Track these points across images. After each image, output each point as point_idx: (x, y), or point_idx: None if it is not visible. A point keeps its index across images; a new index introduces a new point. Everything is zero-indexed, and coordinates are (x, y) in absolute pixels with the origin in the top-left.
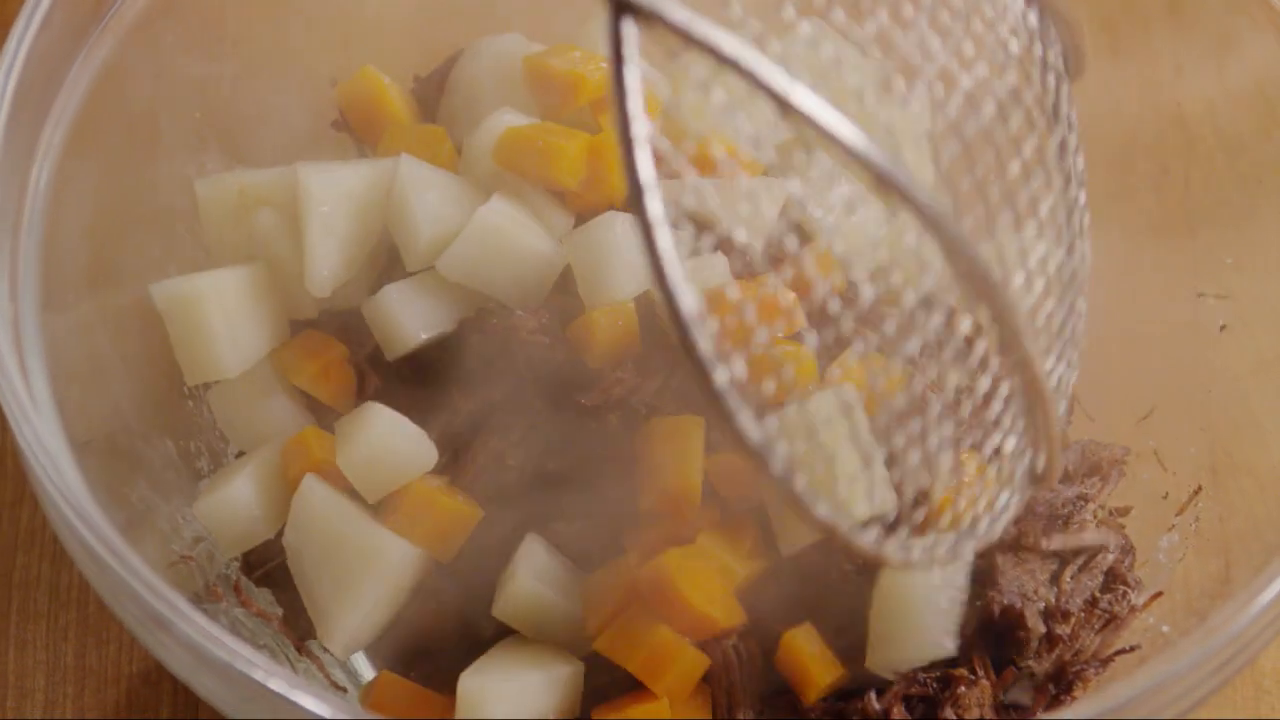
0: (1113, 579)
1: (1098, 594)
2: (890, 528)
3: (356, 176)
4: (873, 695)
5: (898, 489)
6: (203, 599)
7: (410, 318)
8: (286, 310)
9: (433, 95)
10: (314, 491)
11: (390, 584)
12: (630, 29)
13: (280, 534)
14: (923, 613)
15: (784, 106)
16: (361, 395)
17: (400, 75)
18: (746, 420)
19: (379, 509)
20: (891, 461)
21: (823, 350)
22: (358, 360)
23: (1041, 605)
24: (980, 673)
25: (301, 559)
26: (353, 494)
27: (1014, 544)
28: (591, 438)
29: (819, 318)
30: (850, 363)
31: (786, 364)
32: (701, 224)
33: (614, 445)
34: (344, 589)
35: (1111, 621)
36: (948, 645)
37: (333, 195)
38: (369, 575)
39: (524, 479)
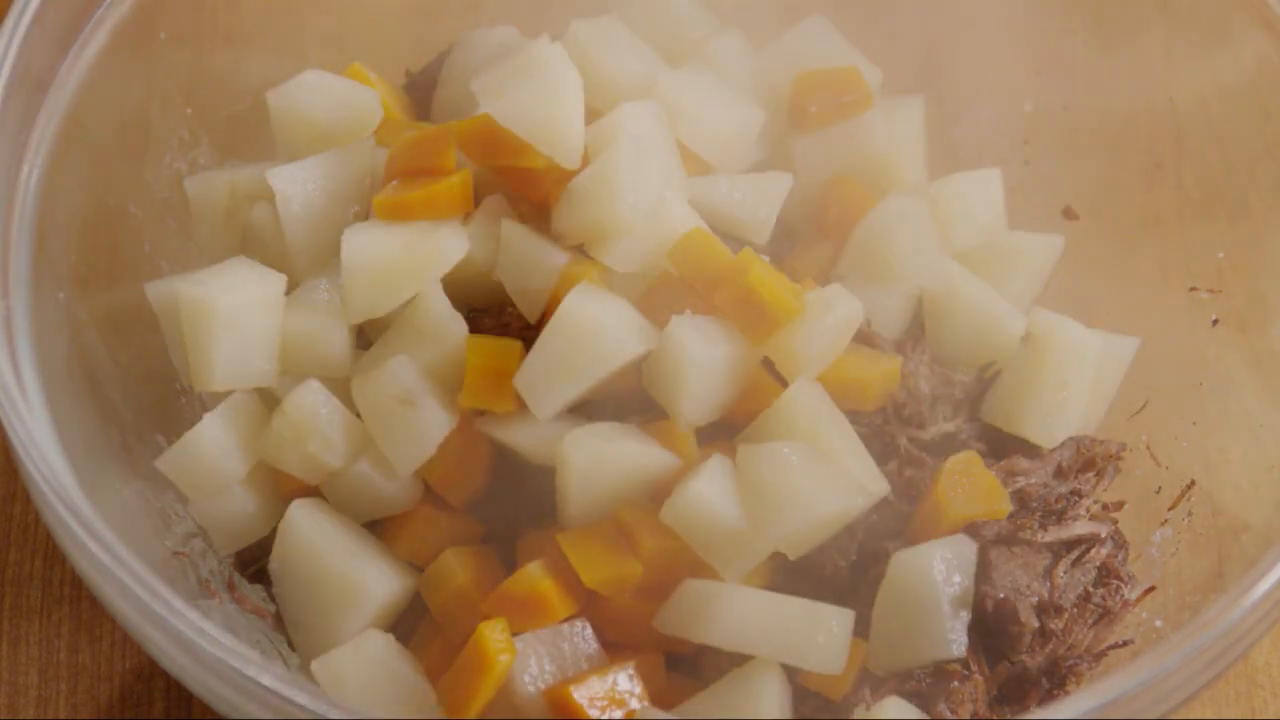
0: (1106, 573)
1: (1091, 588)
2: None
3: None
4: (866, 691)
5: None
6: (196, 595)
7: None
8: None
9: (425, 90)
10: (300, 522)
11: (373, 620)
12: None
13: (274, 531)
14: (930, 613)
15: None
16: None
17: (393, 70)
18: None
19: (382, 537)
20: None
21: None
22: None
23: (1035, 600)
24: (974, 668)
25: (286, 589)
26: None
27: (1008, 538)
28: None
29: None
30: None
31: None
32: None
33: None
34: (326, 627)
35: (1104, 616)
36: (954, 648)
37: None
38: (351, 615)
39: (517, 476)
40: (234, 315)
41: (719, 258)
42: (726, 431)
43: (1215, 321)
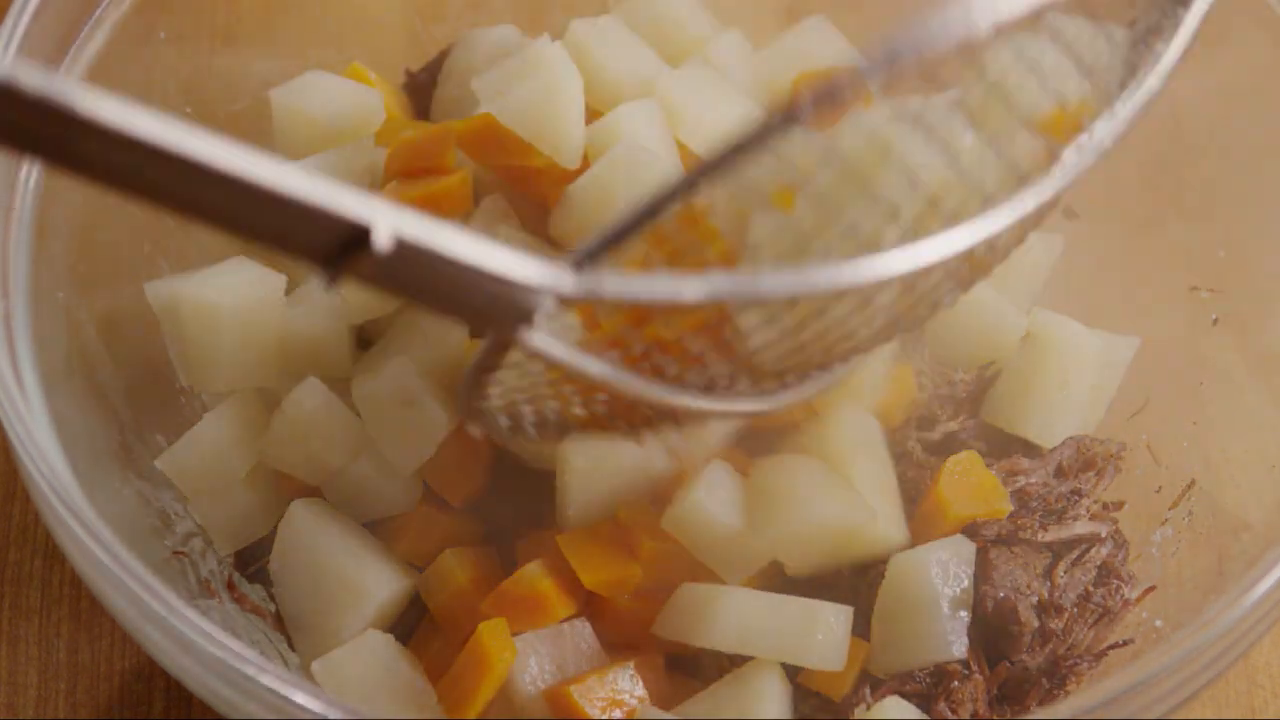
0: (1106, 573)
1: (1091, 588)
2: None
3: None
4: (866, 691)
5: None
6: (196, 595)
7: None
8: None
9: (425, 90)
10: (300, 522)
11: (373, 620)
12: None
13: (274, 531)
14: (929, 615)
15: None
16: None
17: (393, 70)
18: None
19: (382, 537)
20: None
21: None
22: None
23: (1035, 599)
24: (974, 668)
25: (286, 589)
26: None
27: (1009, 538)
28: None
29: None
30: None
31: None
32: None
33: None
34: (326, 627)
35: (1104, 616)
36: (954, 649)
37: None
38: (351, 615)
39: (517, 476)
40: (234, 315)
41: None
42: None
43: (1215, 321)
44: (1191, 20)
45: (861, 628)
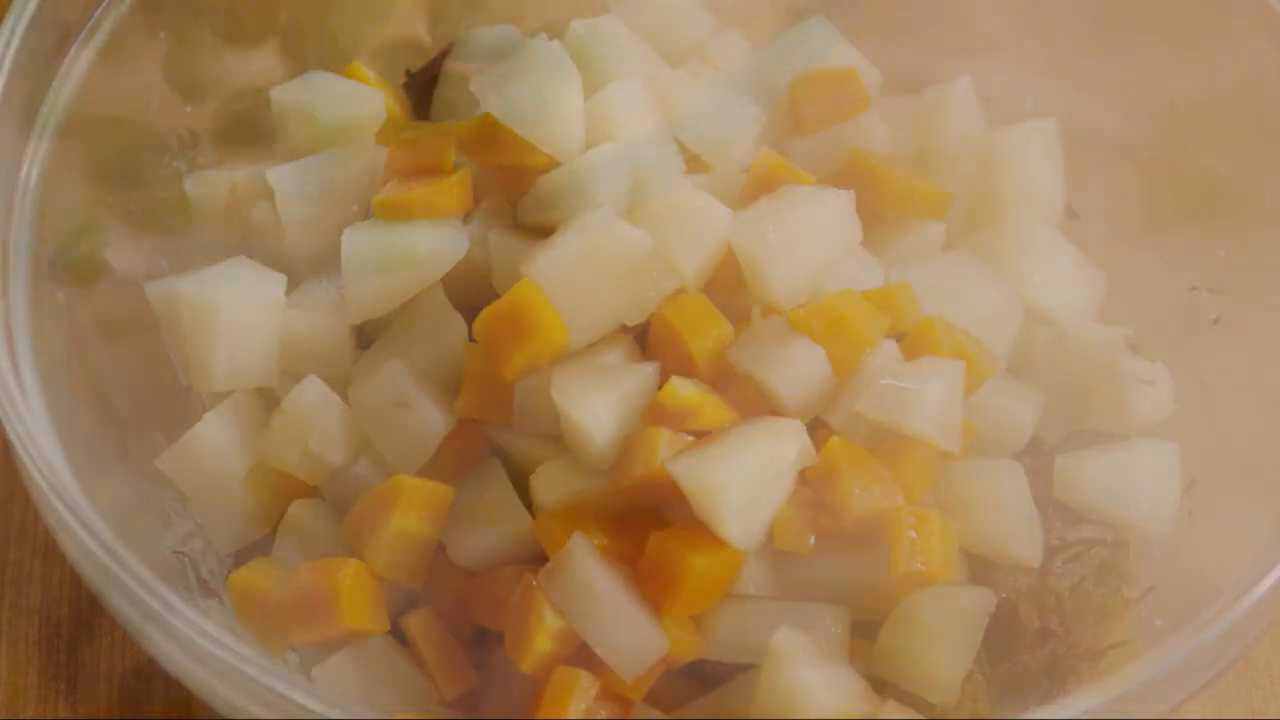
0: (1106, 573)
1: (1091, 588)
2: None
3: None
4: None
5: None
6: (196, 595)
7: None
8: None
9: (425, 90)
10: (300, 520)
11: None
12: None
13: (274, 531)
14: (930, 661)
15: None
16: None
17: (393, 69)
18: None
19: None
20: None
21: None
22: None
23: (1035, 599)
24: (974, 668)
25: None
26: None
27: None
28: None
29: None
30: None
31: None
32: None
33: None
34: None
35: (1105, 615)
36: (951, 695)
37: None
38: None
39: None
40: (234, 315)
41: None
42: None
43: (1216, 321)
44: None
45: (864, 628)
